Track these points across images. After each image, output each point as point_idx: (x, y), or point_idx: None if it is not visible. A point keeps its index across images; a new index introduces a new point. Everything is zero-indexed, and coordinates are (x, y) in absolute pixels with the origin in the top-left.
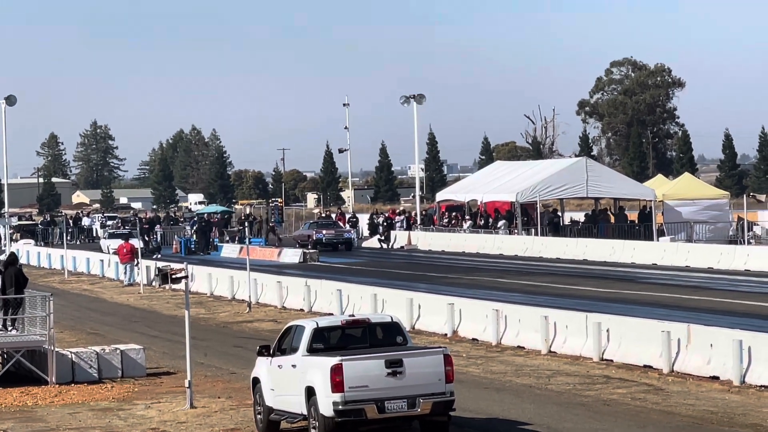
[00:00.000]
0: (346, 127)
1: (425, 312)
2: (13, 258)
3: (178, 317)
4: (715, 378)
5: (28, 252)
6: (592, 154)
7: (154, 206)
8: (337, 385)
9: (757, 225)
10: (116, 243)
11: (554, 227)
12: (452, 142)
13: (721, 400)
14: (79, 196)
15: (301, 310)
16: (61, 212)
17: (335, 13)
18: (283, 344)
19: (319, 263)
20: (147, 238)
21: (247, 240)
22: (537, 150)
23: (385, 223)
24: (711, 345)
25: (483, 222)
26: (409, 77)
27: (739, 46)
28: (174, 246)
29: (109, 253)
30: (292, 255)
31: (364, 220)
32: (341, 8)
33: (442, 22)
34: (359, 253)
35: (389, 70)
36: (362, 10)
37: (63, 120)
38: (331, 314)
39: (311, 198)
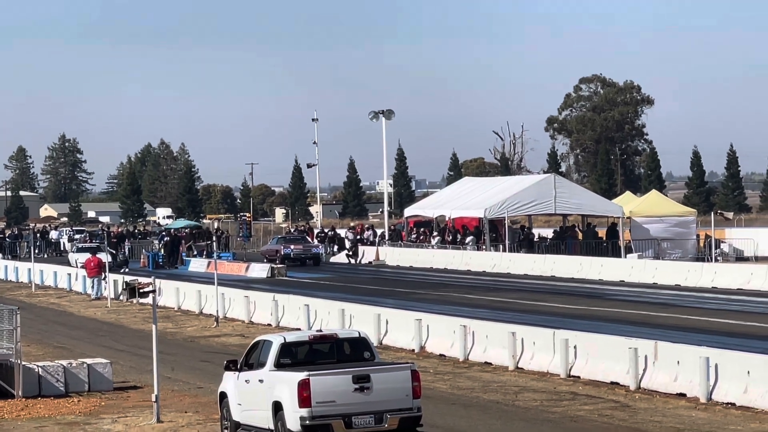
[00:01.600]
0: (314, 142)
1: (393, 327)
2: None
3: (145, 331)
4: (682, 395)
5: None
6: (560, 170)
7: (122, 220)
8: (304, 400)
9: (725, 242)
10: (84, 257)
11: (528, 243)
12: (421, 158)
13: (687, 417)
14: (47, 210)
15: (269, 324)
16: (29, 225)
17: (305, 29)
18: (250, 359)
19: (287, 278)
20: (115, 252)
21: (215, 255)
22: (505, 166)
23: (354, 238)
24: (678, 362)
25: (451, 238)
26: (378, 93)
27: (709, 65)
28: (142, 260)
29: (77, 266)
30: (259, 270)
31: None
32: (311, 24)
33: (411, 38)
34: (327, 268)
35: (358, 85)
36: (332, 26)
37: (31, 133)
38: (299, 329)
39: (279, 213)
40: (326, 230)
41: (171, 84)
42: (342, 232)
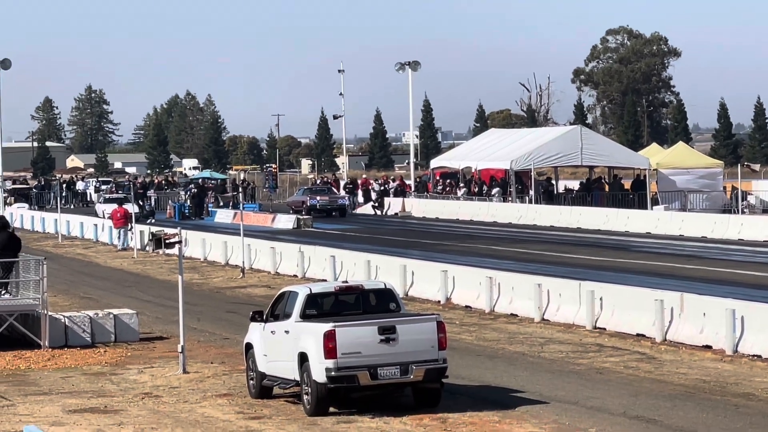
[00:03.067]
0: (341, 94)
1: (418, 279)
2: (3, 222)
3: (171, 282)
4: (708, 347)
5: (22, 216)
6: (586, 122)
7: (149, 171)
8: (329, 351)
9: (751, 194)
10: (112, 208)
11: (548, 195)
12: (447, 110)
13: (713, 369)
14: (73, 161)
15: (295, 276)
16: (56, 176)
17: None
18: (276, 310)
19: (312, 229)
20: (141, 203)
21: (240, 205)
22: (532, 118)
23: (380, 189)
24: (704, 314)
25: (477, 189)
26: (405, 44)
27: (736, 15)
28: (168, 211)
29: (104, 217)
30: (286, 221)
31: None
32: None
33: None
34: (353, 220)
35: (384, 36)
36: None
37: (58, 84)
38: (325, 280)
39: (305, 164)
40: (357, 181)
41: (198, 35)
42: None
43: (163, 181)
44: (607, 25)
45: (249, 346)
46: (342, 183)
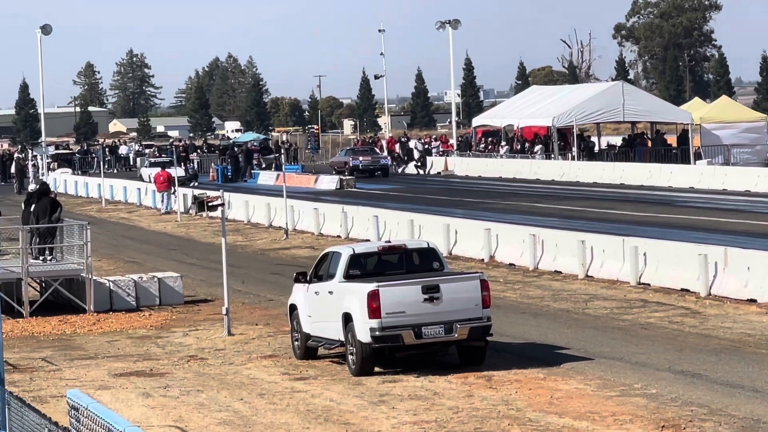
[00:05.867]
0: (381, 54)
1: (462, 237)
2: (45, 187)
3: (215, 245)
4: (753, 301)
5: (65, 181)
6: (628, 78)
7: (191, 134)
8: (374, 311)
9: None
10: (156, 171)
11: (588, 152)
12: (488, 68)
13: (758, 323)
14: (115, 125)
15: (338, 236)
16: (98, 141)
17: None
18: (319, 271)
19: (355, 189)
20: (184, 166)
21: (283, 167)
22: (573, 74)
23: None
24: (748, 268)
25: (519, 147)
26: (445, 2)
27: None
28: (211, 174)
29: (149, 181)
30: (328, 182)
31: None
32: None
33: None
34: (396, 180)
35: None
36: None
37: (99, 49)
38: (368, 240)
39: (348, 124)
40: (402, 139)
41: None
42: (411, 144)
43: (204, 144)
44: None
45: (293, 308)
46: (384, 142)
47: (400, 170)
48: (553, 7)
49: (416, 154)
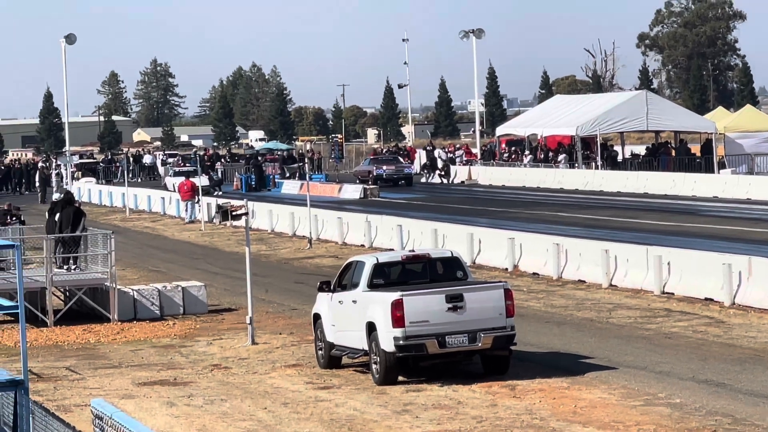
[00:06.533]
0: (405, 63)
1: (486, 247)
2: (69, 197)
3: (239, 254)
4: None
5: (89, 190)
6: (652, 87)
7: (215, 143)
8: (397, 320)
9: None
10: (181, 181)
11: (612, 161)
12: (512, 77)
13: None
14: (140, 134)
15: (362, 245)
16: (123, 150)
17: None
18: (343, 280)
19: (379, 199)
20: (208, 175)
21: (307, 176)
22: (597, 83)
23: (447, 157)
24: None
25: (543, 156)
26: (468, 12)
27: None
28: (235, 183)
29: (174, 190)
30: (352, 191)
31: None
32: None
33: None
34: (419, 189)
35: (448, 4)
36: None
37: (123, 58)
38: (392, 249)
39: (371, 134)
40: (428, 148)
41: (262, 6)
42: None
43: (227, 154)
44: None
45: (317, 317)
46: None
47: (428, 179)
48: (577, 17)
49: (440, 163)
